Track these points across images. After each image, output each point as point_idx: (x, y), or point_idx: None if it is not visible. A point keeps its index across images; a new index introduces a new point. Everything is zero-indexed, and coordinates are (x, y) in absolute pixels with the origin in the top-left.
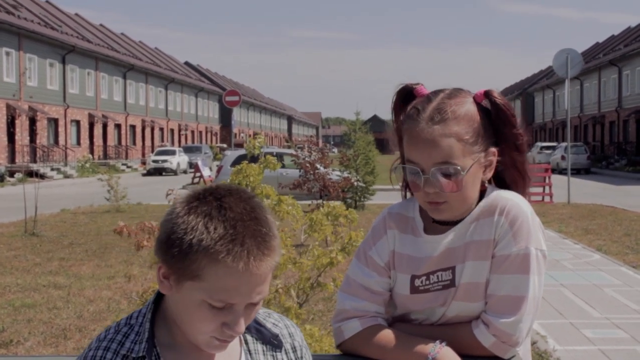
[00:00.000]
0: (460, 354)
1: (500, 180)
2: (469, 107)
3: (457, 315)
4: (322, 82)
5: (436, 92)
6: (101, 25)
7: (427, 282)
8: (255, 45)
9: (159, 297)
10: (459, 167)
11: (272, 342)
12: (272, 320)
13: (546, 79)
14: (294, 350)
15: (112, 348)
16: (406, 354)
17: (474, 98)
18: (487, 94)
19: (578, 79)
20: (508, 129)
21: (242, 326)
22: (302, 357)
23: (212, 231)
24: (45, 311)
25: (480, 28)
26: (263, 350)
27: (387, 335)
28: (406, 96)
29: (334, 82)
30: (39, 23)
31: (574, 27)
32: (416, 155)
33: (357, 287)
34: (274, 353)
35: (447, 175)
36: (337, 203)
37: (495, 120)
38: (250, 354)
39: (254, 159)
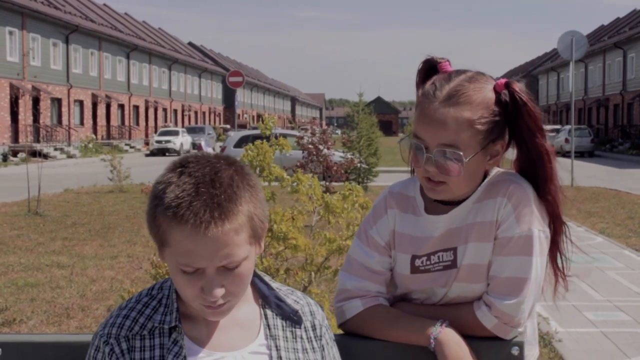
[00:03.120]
0: (462, 335)
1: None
2: (487, 95)
3: (459, 296)
4: (325, 63)
5: (458, 72)
6: (105, 5)
7: (428, 263)
8: (259, 25)
9: None
10: (461, 154)
11: (291, 317)
12: (294, 298)
13: (551, 62)
14: (314, 328)
15: (131, 316)
16: (408, 333)
17: (494, 86)
18: (507, 85)
19: (582, 62)
20: (526, 132)
21: (216, 292)
22: (321, 336)
23: (166, 197)
24: (48, 290)
25: (484, 9)
26: (282, 326)
27: (389, 315)
28: (430, 69)
29: (338, 63)
30: (42, 2)
31: (579, 9)
32: (424, 132)
33: (359, 267)
34: (293, 329)
35: (449, 159)
36: (357, 186)
37: (512, 114)
38: (269, 328)
39: (256, 139)
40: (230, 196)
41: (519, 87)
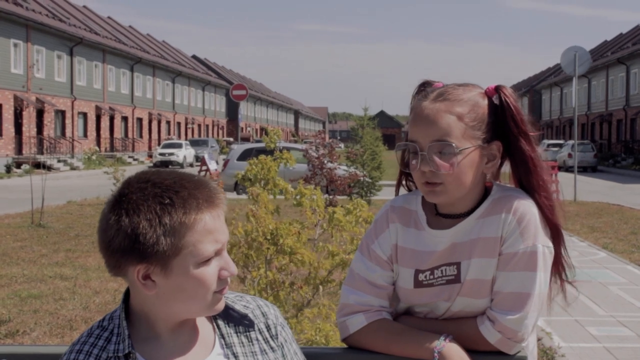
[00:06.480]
0: (465, 349)
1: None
2: (476, 96)
3: (462, 310)
4: (328, 76)
5: (449, 84)
6: (109, 17)
7: (432, 277)
8: (263, 38)
9: (126, 298)
10: (454, 145)
11: (243, 322)
12: (244, 303)
13: (554, 77)
14: (268, 328)
15: (84, 350)
16: (412, 348)
17: (485, 92)
18: (498, 89)
19: (586, 77)
20: (511, 136)
21: (233, 264)
22: (277, 335)
23: (169, 203)
24: (51, 302)
25: (486, 24)
26: (236, 333)
27: (393, 330)
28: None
29: (341, 76)
30: (47, 15)
31: (582, 24)
32: (416, 132)
33: (361, 281)
34: (248, 333)
35: (442, 154)
36: (362, 201)
37: (502, 118)
38: (223, 337)
39: (259, 152)
40: (204, 178)
41: (509, 91)
